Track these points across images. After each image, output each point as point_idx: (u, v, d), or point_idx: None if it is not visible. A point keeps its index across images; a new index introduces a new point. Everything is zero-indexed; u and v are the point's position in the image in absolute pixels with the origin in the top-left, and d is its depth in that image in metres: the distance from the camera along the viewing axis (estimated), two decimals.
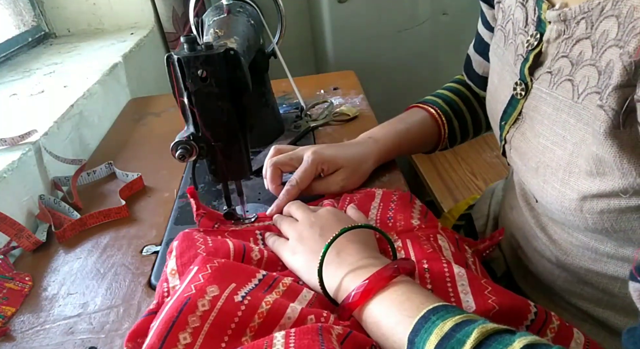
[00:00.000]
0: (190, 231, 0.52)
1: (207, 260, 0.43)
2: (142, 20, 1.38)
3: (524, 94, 0.47)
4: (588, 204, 0.40)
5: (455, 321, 0.33)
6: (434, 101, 0.72)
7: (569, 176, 0.41)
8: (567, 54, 0.41)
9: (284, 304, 0.40)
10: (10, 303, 0.53)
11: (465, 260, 0.47)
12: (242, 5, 0.70)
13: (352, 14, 1.54)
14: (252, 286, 0.42)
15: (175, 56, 0.48)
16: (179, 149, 0.50)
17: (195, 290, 0.40)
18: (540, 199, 0.47)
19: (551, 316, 0.40)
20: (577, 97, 0.39)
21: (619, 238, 0.41)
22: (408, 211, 0.56)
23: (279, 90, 1.00)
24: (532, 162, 0.46)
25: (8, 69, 1.09)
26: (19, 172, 0.67)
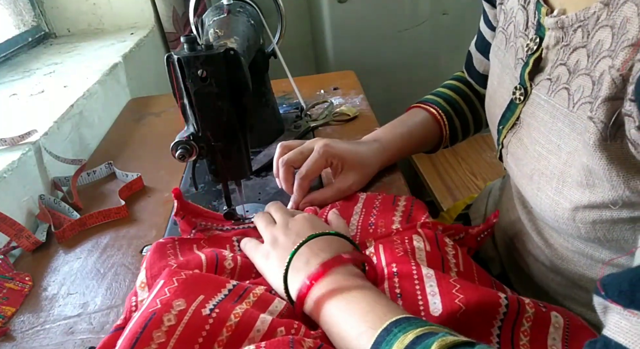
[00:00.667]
0: (164, 242, 0.51)
1: (174, 273, 0.42)
2: (142, 20, 1.38)
3: (523, 99, 0.47)
4: (580, 214, 0.39)
5: (417, 333, 0.33)
6: (434, 100, 0.72)
7: (562, 186, 0.41)
8: (565, 62, 0.41)
9: (254, 316, 0.39)
10: (10, 303, 0.53)
11: (442, 255, 0.46)
12: (242, 5, 0.70)
13: (352, 14, 1.54)
14: (221, 297, 0.41)
15: (175, 56, 0.48)
16: (179, 149, 0.50)
17: (160, 304, 0.39)
18: (534, 206, 0.46)
19: (524, 305, 0.40)
20: (572, 106, 0.39)
21: (611, 247, 0.41)
22: (390, 216, 0.55)
23: (279, 90, 1.00)
24: (527, 168, 0.46)
25: (8, 69, 1.09)
26: (19, 172, 0.67)
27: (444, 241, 0.48)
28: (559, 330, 0.38)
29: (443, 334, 0.32)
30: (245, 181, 0.71)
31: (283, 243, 0.48)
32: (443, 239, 0.49)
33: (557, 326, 0.39)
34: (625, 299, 0.26)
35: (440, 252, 0.47)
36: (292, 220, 0.51)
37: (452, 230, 0.52)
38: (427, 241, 0.48)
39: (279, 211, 0.53)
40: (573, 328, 0.39)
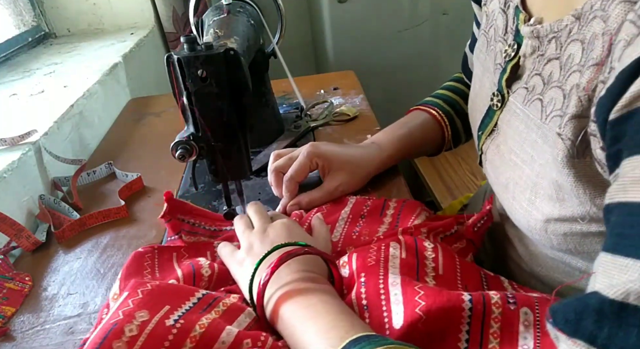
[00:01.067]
0: (143, 252, 0.51)
1: (140, 284, 0.41)
2: (142, 20, 1.38)
3: (500, 106, 0.46)
4: (552, 226, 0.39)
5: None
6: (434, 102, 0.71)
7: (535, 197, 0.40)
8: (540, 72, 0.41)
9: (220, 327, 0.39)
10: (10, 303, 0.53)
11: (418, 262, 0.45)
12: (242, 5, 0.70)
13: (352, 14, 1.54)
14: (188, 307, 0.40)
15: (175, 56, 0.48)
16: (179, 149, 0.50)
17: (122, 315, 0.38)
18: (509, 215, 0.46)
19: (490, 305, 0.39)
20: (545, 118, 0.39)
21: (584, 258, 0.41)
22: (376, 224, 0.55)
23: (279, 90, 1.00)
24: (503, 177, 0.45)
25: (8, 69, 1.09)
26: (19, 172, 0.67)
27: (423, 246, 0.47)
28: (530, 329, 0.38)
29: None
30: (245, 181, 0.71)
31: (257, 250, 0.47)
32: (422, 244, 0.47)
33: (526, 324, 0.38)
34: (570, 328, 0.26)
35: (416, 259, 0.46)
36: (270, 227, 0.50)
37: (439, 227, 0.51)
38: (404, 248, 0.46)
39: (257, 215, 0.53)
40: (544, 324, 0.38)
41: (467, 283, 0.45)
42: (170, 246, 0.53)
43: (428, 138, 0.70)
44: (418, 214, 0.55)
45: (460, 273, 0.46)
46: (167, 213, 0.55)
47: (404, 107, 0.77)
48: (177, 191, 0.71)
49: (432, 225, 0.51)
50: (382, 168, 0.65)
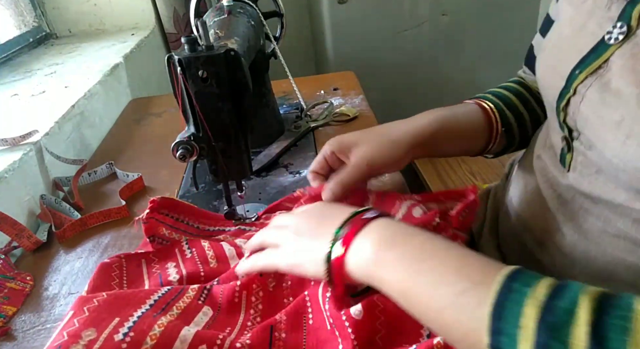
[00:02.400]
0: (109, 263, 0.50)
1: (86, 300, 0.40)
2: (143, 21, 1.38)
3: (622, 38, 0.42)
4: None
5: (547, 286, 0.28)
6: (486, 97, 0.64)
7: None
8: None
9: (176, 330, 0.37)
10: (12, 302, 0.54)
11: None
12: (243, 6, 0.71)
13: (352, 14, 1.54)
14: (141, 312, 0.39)
15: (176, 57, 0.48)
16: (180, 149, 0.51)
17: (67, 336, 0.36)
18: (613, 157, 0.42)
19: None
20: None
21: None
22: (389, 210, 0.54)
23: (279, 91, 1.00)
24: (617, 114, 0.41)
25: (9, 70, 1.09)
26: (20, 172, 0.68)
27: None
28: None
29: (577, 284, 0.29)
30: (245, 181, 0.71)
31: (308, 229, 0.44)
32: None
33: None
34: None
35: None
36: (305, 210, 0.48)
37: (421, 223, 0.49)
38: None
39: (283, 214, 0.51)
40: None
41: None
42: (138, 253, 0.53)
43: (471, 126, 0.61)
44: (398, 207, 0.54)
45: None
46: (148, 216, 0.54)
47: (404, 107, 0.77)
48: (178, 191, 0.72)
49: (415, 221, 0.50)
50: (415, 139, 0.56)
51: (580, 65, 0.46)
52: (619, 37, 0.42)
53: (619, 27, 0.43)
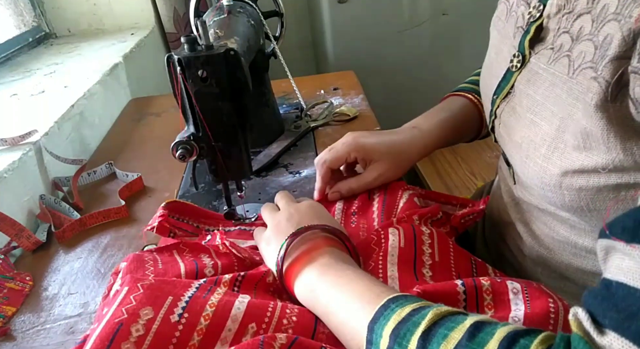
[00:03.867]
0: (141, 253, 0.51)
1: (138, 279, 0.41)
2: (143, 20, 1.38)
3: (520, 67, 0.47)
4: (568, 180, 0.40)
5: (413, 307, 0.34)
6: (470, 88, 0.70)
7: (552, 152, 0.42)
8: (568, 30, 0.41)
9: (227, 308, 0.39)
10: (11, 302, 0.53)
11: (416, 250, 0.47)
12: (242, 5, 0.70)
13: (352, 14, 1.54)
14: (191, 293, 0.41)
15: (175, 56, 0.48)
16: (180, 149, 0.51)
17: (127, 314, 0.37)
18: (521, 175, 0.47)
19: (480, 282, 0.40)
20: (572, 73, 0.40)
21: (592, 218, 0.42)
22: (369, 210, 0.56)
23: (279, 90, 1.00)
24: (518, 136, 0.47)
25: (9, 69, 1.09)
26: (20, 172, 0.68)
27: (421, 230, 0.49)
28: (519, 295, 0.40)
29: (438, 305, 0.34)
30: (245, 181, 0.71)
31: (284, 230, 0.48)
32: (420, 228, 0.49)
33: (515, 291, 0.40)
34: (628, 236, 0.27)
35: (414, 248, 0.48)
36: (296, 207, 0.51)
37: (428, 213, 0.53)
38: (402, 236, 0.48)
39: (283, 198, 0.54)
40: (531, 289, 0.40)
41: (459, 271, 0.47)
42: (168, 245, 0.53)
43: (468, 122, 0.68)
44: (402, 193, 0.57)
45: (453, 260, 0.48)
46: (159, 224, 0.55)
47: (404, 107, 0.77)
48: (178, 191, 0.72)
49: (421, 212, 0.53)
50: (424, 154, 0.63)
51: (497, 91, 0.51)
52: (517, 65, 0.48)
53: (516, 56, 0.48)
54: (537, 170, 0.43)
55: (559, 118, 0.41)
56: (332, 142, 0.78)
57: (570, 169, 0.40)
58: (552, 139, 0.42)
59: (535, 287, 0.40)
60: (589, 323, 0.28)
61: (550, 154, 0.42)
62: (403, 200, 0.56)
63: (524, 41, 0.46)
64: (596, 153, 0.38)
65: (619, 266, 0.28)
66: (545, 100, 0.43)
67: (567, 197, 0.42)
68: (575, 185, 0.40)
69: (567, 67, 0.40)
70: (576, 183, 0.40)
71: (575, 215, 0.45)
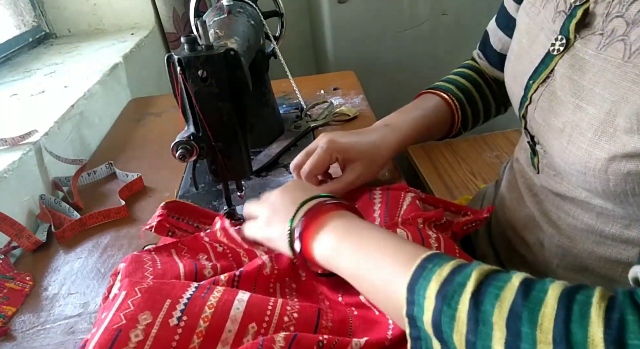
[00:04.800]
0: (139, 254, 0.50)
1: (136, 283, 0.41)
2: (143, 20, 1.38)
3: (562, 50, 0.46)
4: (616, 165, 0.40)
5: (452, 266, 0.34)
6: (446, 87, 0.71)
7: (599, 136, 0.41)
8: (622, 14, 0.41)
9: (226, 309, 0.39)
10: (11, 302, 0.53)
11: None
12: (242, 5, 0.70)
13: (352, 14, 1.54)
14: (190, 294, 0.40)
15: (175, 56, 0.48)
16: (180, 149, 0.51)
17: (125, 319, 0.37)
18: (559, 161, 0.46)
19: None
20: (629, 57, 0.39)
21: (633, 203, 0.41)
22: (370, 212, 0.56)
23: (279, 90, 1.00)
24: (559, 121, 0.45)
25: (9, 69, 1.09)
26: (20, 172, 0.68)
27: (427, 234, 0.49)
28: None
29: (478, 263, 0.33)
30: (245, 181, 0.71)
31: (281, 205, 0.47)
32: (426, 232, 0.49)
33: None
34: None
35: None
36: (283, 188, 0.50)
37: (433, 217, 0.53)
38: (410, 238, 0.48)
39: (265, 193, 0.53)
40: None
41: None
42: (166, 245, 0.53)
43: (440, 121, 0.69)
44: (404, 196, 0.57)
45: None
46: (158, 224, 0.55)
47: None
48: (178, 191, 0.72)
49: (426, 215, 0.53)
50: (398, 151, 0.64)
51: (533, 75, 0.50)
52: (559, 48, 0.47)
53: (559, 39, 0.47)
54: (580, 154, 0.42)
55: (611, 102, 0.40)
56: None
57: (619, 153, 0.39)
58: (600, 123, 0.41)
59: None
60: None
61: (598, 138, 0.41)
62: (406, 202, 0.56)
63: (569, 25, 0.45)
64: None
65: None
66: (593, 85, 0.42)
67: (612, 182, 0.41)
68: (624, 170, 0.39)
69: (623, 52, 0.40)
70: (625, 167, 0.39)
71: (614, 201, 0.44)
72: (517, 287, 0.31)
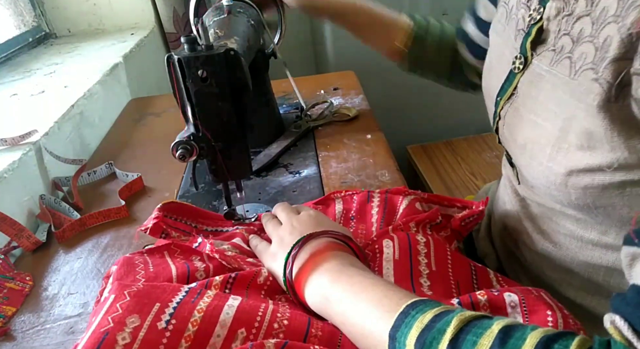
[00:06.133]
0: (131, 256, 0.50)
1: (125, 286, 0.40)
2: (143, 20, 1.38)
3: (522, 68, 0.48)
4: (573, 179, 0.41)
5: (435, 312, 0.33)
6: (419, 19, 0.76)
7: (557, 152, 0.42)
8: (568, 32, 0.42)
9: (215, 313, 0.38)
10: (11, 302, 0.53)
11: (412, 260, 0.47)
12: (243, 5, 0.70)
13: None
14: (180, 298, 0.40)
15: (175, 56, 0.48)
16: (180, 149, 0.51)
17: (113, 322, 0.37)
18: (526, 175, 0.48)
19: (477, 297, 0.40)
20: (574, 74, 0.40)
21: (599, 214, 0.43)
22: (368, 216, 0.56)
23: (279, 90, 1.00)
24: (521, 137, 0.47)
25: (9, 69, 1.09)
26: (20, 172, 0.68)
27: (416, 239, 0.49)
28: (517, 308, 0.39)
29: (461, 310, 0.33)
30: (245, 181, 0.71)
31: (289, 243, 0.48)
32: (415, 238, 0.49)
33: (513, 305, 0.39)
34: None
35: (409, 258, 0.47)
36: (297, 219, 0.51)
37: (426, 219, 0.53)
38: (397, 247, 0.48)
39: (284, 211, 0.54)
40: (529, 300, 0.39)
41: (458, 278, 0.46)
42: (159, 247, 0.53)
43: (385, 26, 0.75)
44: (402, 199, 0.57)
45: (451, 267, 0.47)
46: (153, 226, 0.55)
47: (404, 107, 0.77)
48: (178, 191, 0.72)
49: (418, 218, 0.52)
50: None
51: (500, 92, 0.52)
52: (519, 67, 0.48)
53: (518, 58, 0.48)
54: (542, 170, 0.44)
55: (562, 119, 0.41)
56: (332, 142, 0.78)
57: (575, 168, 0.40)
58: (555, 139, 0.42)
59: (535, 297, 0.40)
60: (630, 331, 0.28)
61: (555, 154, 0.42)
62: (403, 205, 0.56)
63: (526, 43, 0.47)
64: (600, 152, 0.38)
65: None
66: (547, 101, 0.43)
67: (574, 195, 0.42)
68: (581, 184, 0.40)
69: (569, 69, 0.41)
70: (582, 181, 0.40)
71: (581, 212, 0.45)
72: (496, 334, 0.30)
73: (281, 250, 0.48)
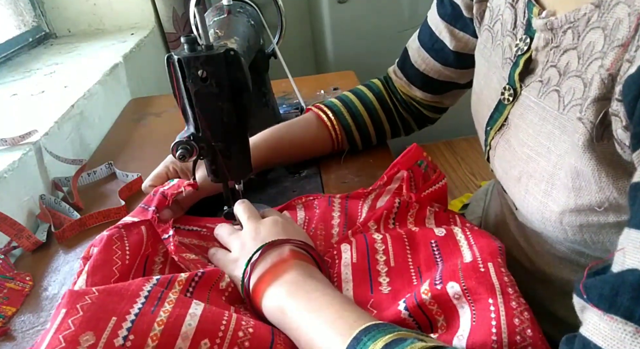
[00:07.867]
0: (110, 236, 0.49)
1: (77, 297, 0.37)
2: (143, 20, 1.38)
3: (512, 100, 0.46)
4: (567, 218, 0.39)
5: (385, 341, 0.33)
6: (331, 104, 0.72)
7: (551, 188, 0.40)
8: (555, 64, 0.41)
9: (177, 325, 0.37)
10: (11, 302, 0.53)
11: (370, 261, 0.48)
12: (242, 5, 0.70)
13: (352, 14, 1.54)
14: (137, 309, 0.37)
15: (175, 56, 0.48)
16: (180, 149, 0.51)
17: (65, 342, 0.33)
18: (520, 208, 0.46)
19: (421, 295, 0.40)
20: (563, 109, 0.39)
21: (597, 249, 0.41)
22: (329, 218, 0.57)
23: (279, 90, 1.00)
24: (515, 170, 0.45)
25: (9, 69, 1.09)
26: (20, 172, 0.68)
27: (373, 239, 0.50)
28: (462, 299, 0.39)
29: (412, 341, 0.32)
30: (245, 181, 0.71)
31: (250, 248, 0.46)
32: (372, 237, 0.50)
33: (457, 297, 0.39)
34: (605, 304, 0.26)
35: (367, 259, 0.48)
36: (261, 224, 0.50)
37: (383, 212, 0.53)
38: (354, 249, 0.49)
39: (245, 213, 0.52)
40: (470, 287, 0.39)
41: (419, 264, 0.47)
42: (136, 222, 0.52)
43: (311, 136, 0.70)
44: (362, 205, 0.57)
45: (410, 255, 0.48)
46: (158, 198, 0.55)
47: None
48: None
49: (376, 215, 0.53)
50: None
51: (490, 122, 0.51)
52: (509, 98, 0.47)
53: (507, 89, 0.47)
54: (537, 205, 0.42)
55: (556, 155, 0.40)
56: None
57: (568, 207, 0.39)
58: (550, 176, 0.41)
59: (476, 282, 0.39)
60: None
61: (550, 190, 0.41)
62: (365, 209, 0.57)
63: (514, 74, 0.46)
64: (587, 192, 0.37)
65: (597, 328, 0.27)
66: (538, 135, 0.42)
67: (569, 232, 0.41)
68: (576, 222, 0.39)
69: (557, 103, 0.40)
70: (576, 220, 0.39)
71: (578, 246, 0.44)
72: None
73: (243, 256, 0.47)
